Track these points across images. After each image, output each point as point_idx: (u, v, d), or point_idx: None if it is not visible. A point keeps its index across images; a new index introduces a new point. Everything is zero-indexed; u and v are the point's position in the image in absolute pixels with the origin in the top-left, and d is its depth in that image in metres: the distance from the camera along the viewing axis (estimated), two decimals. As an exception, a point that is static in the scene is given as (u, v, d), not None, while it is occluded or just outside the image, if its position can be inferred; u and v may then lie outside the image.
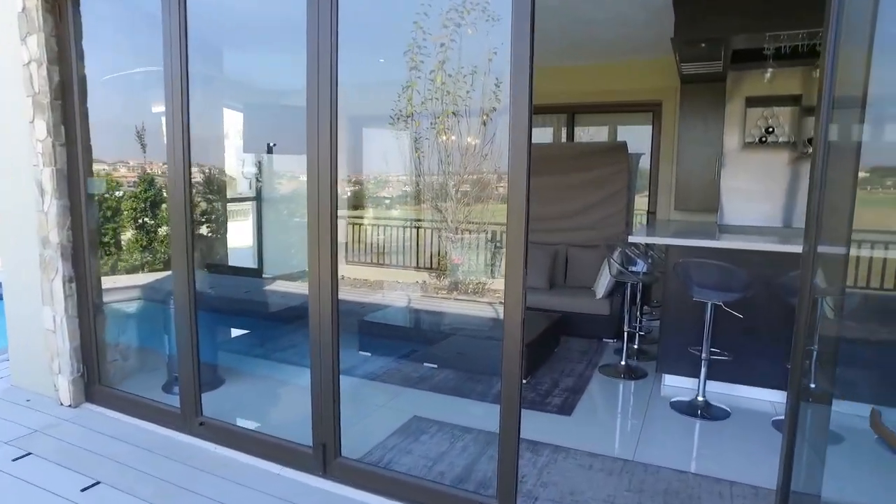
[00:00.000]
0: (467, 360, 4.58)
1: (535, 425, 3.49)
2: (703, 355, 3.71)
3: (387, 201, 8.65)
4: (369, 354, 4.87)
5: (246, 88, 6.37)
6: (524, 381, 4.18)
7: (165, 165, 3.20)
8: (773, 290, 3.70)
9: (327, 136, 2.64)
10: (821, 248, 1.89)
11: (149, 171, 4.69)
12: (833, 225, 1.94)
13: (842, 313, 2.94)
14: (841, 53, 1.83)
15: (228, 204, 6.15)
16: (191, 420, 3.26)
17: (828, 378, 2.58)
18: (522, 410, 2.37)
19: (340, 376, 2.79)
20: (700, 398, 3.77)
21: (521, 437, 2.38)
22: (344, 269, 8.58)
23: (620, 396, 4.20)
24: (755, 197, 5.42)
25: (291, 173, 7.77)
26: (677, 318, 4.06)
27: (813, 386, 2.57)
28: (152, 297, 4.54)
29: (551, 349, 4.91)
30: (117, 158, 4.77)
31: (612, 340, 5.32)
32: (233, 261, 6.20)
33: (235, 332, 5.46)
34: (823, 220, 1.84)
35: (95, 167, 3.75)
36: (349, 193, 8.37)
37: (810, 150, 5.10)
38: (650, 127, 5.97)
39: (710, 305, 3.65)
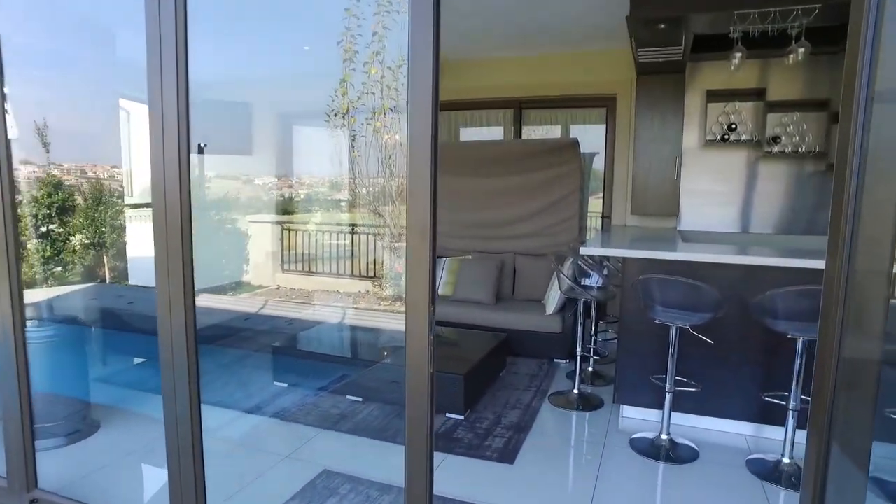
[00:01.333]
0: (399, 391, 3.91)
1: (472, 478, 2.87)
2: (668, 386, 3.16)
3: (321, 205, 7.90)
4: (285, 385, 4.14)
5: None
6: (461, 417, 3.57)
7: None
8: (746, 308, 3.19)
9: (174, 132, 1.93)
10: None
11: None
12: (871, 236, 1.38)
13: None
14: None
15: (136, 210, 5.36)
16: (19, 496, 2.48)
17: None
18: (458, 458, 1.76)
19: (244, 417, 2.09)
20: (664, 436, 3.22)
21: (448, 497, 1.75)
22: (278, 279, 7.78)
23: (573, 434, 3.62)
24: (716, 200, 4.97)
25: (226, 175, 6.96)
26: (637, 343, 3.51)
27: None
28: None
29: (496, 374, 4.31)
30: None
31: (564, 361, 4.76)
32: (138, 275, 5.39)
33: (132, 361, 4.66)
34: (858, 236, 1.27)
35: None
36: (280, 196, 7.59)
37: (775, 149, 4.67)
38: (604, 125, 5.46)
39: (675, 329, 3.10)
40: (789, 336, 2.84)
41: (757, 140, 4.64)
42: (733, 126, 4.75)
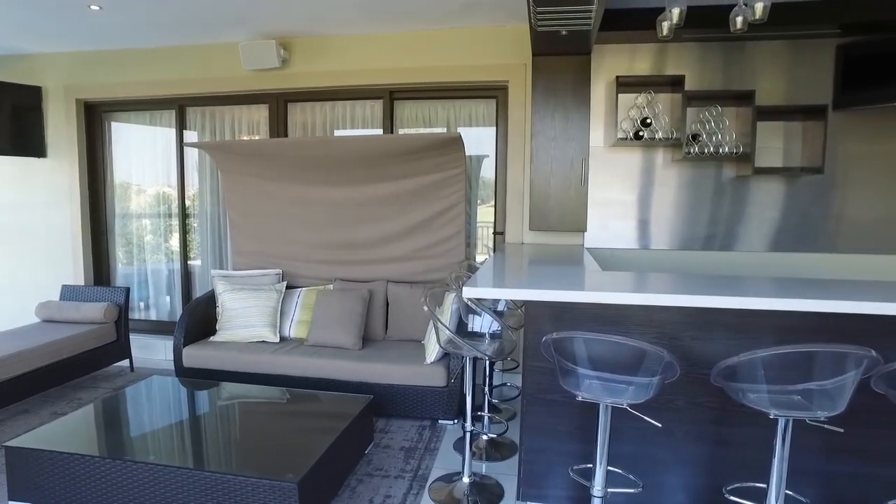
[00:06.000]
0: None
1: None
2: (596, 490, 2.10)
3: None
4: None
5: None
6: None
7: None
8: (701, 370, 2.24)
9: None
10: None
11: None
12: None
13: None
14: None
15: None
16: None
17: None
18: None
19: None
20: (592, 562, 2.16)
21: None
22: None
23: (461, 559, 2.48)
24: (629, 212, 4.11)
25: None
26: (548, 421, 2.45)
27: None
28: None
29: (359, 454, 3.08)
30: None
31: (451, 422, 3.64)
32: None
33: None
34: None
35: None
36: None
37: (695, 150, 3.89)
38: (494, 121, 4.46)
39: (605, 408, 2.06)
40: (772, 416, 1.89)
41: (676, 138, 3.82)
42: (648, 121, 3.91)
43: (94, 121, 5.14)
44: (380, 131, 4.63)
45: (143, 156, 5.17)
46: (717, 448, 2.33)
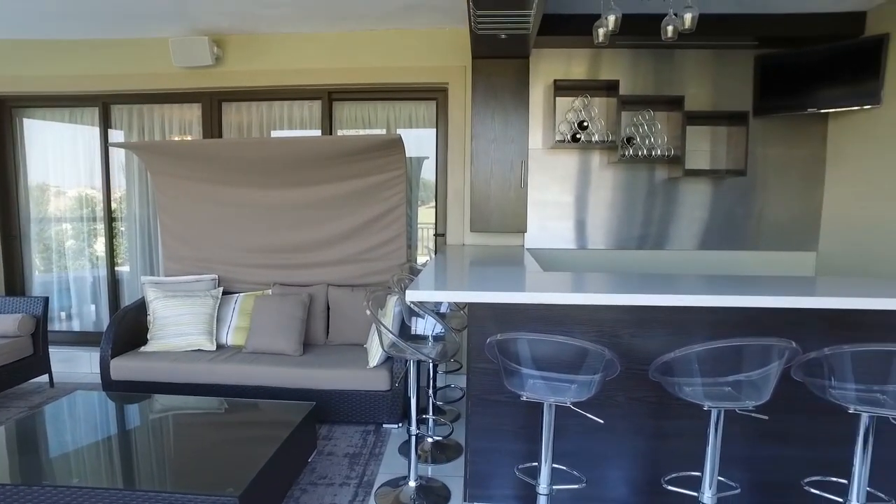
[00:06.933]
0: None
1: None
2: (542, 487, 2.14)
3: None
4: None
5: None
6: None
7: None
8: (640, 366, 2.32)
9: None
10: None
11: None
12: None
13: None
14: None
15: None
16: None
17: None
18: None
19: None
20: (539, 559, 2.19)
21: None
22: None
23: (409, 564, 2.46)
24: (567, 213, 4.21)
25: None
26: (493, 421, 2.47)
27: None
28: None
29: (301, 463, 3.00)
30: None
31: (396, 426, 3.61)
32: None
33: None
34: None
35: None
36: None
37: (629, 152, 4.03)
38: (434, 123, 4.46)
39: (549, 407, 2.09)
40: (706, 408, 1.98)
41: (611, 141, 3.95)
42: (585, 124, 4.02)
43: (4, 117, 4.77)
44: (318, 132, 4.54)
45: (62, 156, 4.84)
46: (655, 441, 2.42)
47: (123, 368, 3.73)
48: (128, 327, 3.96)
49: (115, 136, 4.75)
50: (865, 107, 3.62)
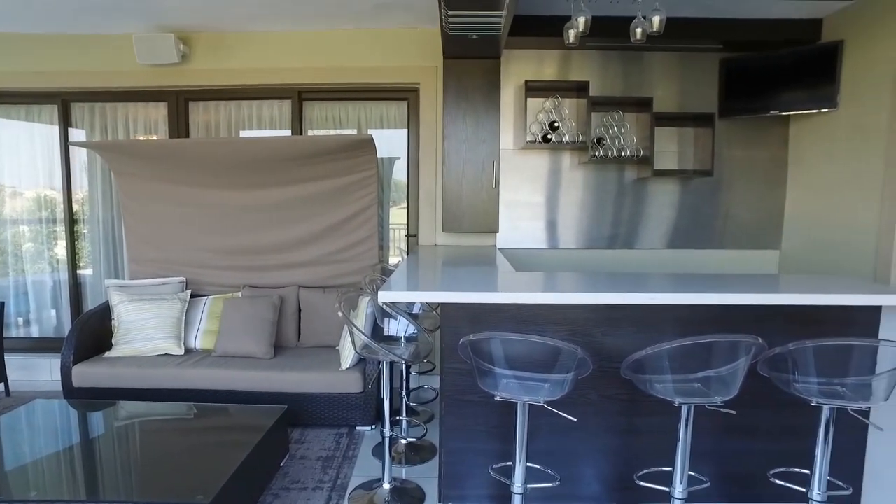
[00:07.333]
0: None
1: None
2: (516, 487, 2.14)
3: None
4: None
5: None
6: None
7: None
8: (612, 364, 2.35)
9: None
10: None
11: None
12: None
13: None
14: None
15: None
16: None
17: None
18: None
19: None
20: (513, 558, 2.20)
21: None
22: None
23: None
24: (538, 213, 4.24)
25: None
26: (467, 422, 2.47)
27: None
28: None
29: (273, 467, 2.96)
30: None
31: (369, 428, 3.58)
32: None
33: None
34: None
35: None
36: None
37: (599, 153, 4.08)
38: (406, 124, 4.44)
39: (522, 407, 2.10)
40: (676, 404, 2.01)
41: (582, 141, 3.99)
42: (555, 125, 4.06)
43: (-45, 115, 4.58)
44: (288, 132, 4.47)
45: (18, 155, 4.67)
46: (627, 437, 2.45)
47: (86, 375, 3.61)
48: (91, 332, 3.84)
49: (77, 135, 4.60)
50: (823, 110, 3.74)
